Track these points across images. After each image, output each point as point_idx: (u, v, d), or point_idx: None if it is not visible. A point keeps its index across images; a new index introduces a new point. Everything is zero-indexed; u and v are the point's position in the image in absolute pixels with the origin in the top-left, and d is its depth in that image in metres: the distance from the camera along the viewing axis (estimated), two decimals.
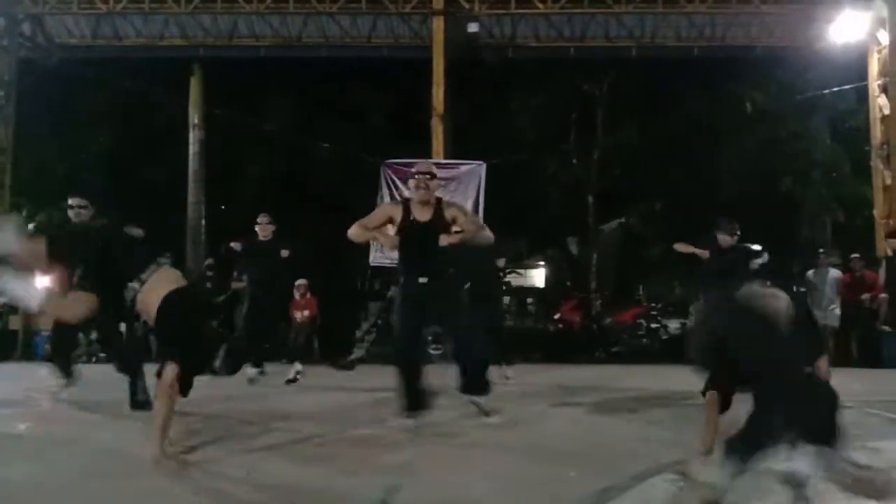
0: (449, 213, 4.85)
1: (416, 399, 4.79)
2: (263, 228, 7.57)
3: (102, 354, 10.99)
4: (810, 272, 11.34)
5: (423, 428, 4.76)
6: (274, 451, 3.86)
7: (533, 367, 10.51)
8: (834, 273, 11.01)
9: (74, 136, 16.47)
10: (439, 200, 4.94)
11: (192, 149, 15.19)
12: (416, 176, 4.85)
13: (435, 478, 3.43)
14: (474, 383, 4.90)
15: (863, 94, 12.77)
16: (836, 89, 13.52)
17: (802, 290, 11.38)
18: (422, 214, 4.83)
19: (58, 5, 12.25)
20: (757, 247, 7.07)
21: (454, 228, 4.85)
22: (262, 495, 3.19)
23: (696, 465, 3.33)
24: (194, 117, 15.18)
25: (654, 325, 11.98)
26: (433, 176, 4.89)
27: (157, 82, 14.05)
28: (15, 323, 11.70)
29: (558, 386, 7.45)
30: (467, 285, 6.38)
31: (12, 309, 11.22)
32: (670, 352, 10.87)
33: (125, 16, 12.46)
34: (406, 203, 4.93)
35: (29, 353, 11.25)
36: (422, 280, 4.83)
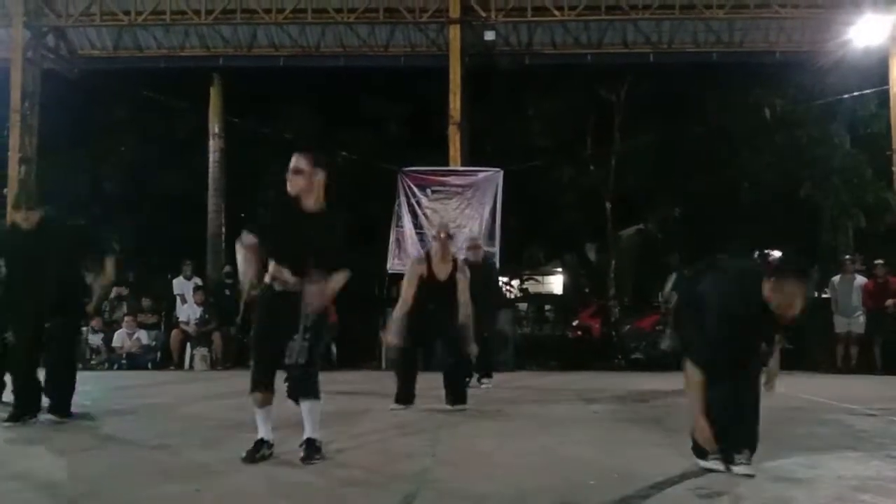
0: (459, 276, 5.98)
1: (407, 394, 5.96)
2: None
3: (124, 361, 11.16)
4: (835, 278, 11.22)
5: (441, 435, 4.77)
6: (291, 457, 3.88)
7: (551, 374, 10.48)
8: (860, 279, 10.89)
9: (96, 146, 16.70)
10: (455, 262, 6.07)
11: (212, 158, 15.34)
12: (440, 236, 6.09)
13: (452, 486, 3.42)
14: (455, 396, 5.95)
15: (884, 99, 12.64)
16: (856, 94, 13.38)
17: (825, 296, 11.34)
18: (441, 272, 5.96)
19: (81, 18, 12.45)
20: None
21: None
22: (280, 502, 3.21)
23: None
24: (214, 126, 15.33)
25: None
26: (451, 236, 6.17)
27: (177, 92, 14.22)
28: None
29: (577, 393, 7.42)
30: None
31: None
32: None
33: (146, 27, 12.64)
34: (428, 260, 6.05)
35: None
36: (430, 307, 5.89)
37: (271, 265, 3.96)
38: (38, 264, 5.31)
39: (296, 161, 3.87)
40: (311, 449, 3.85)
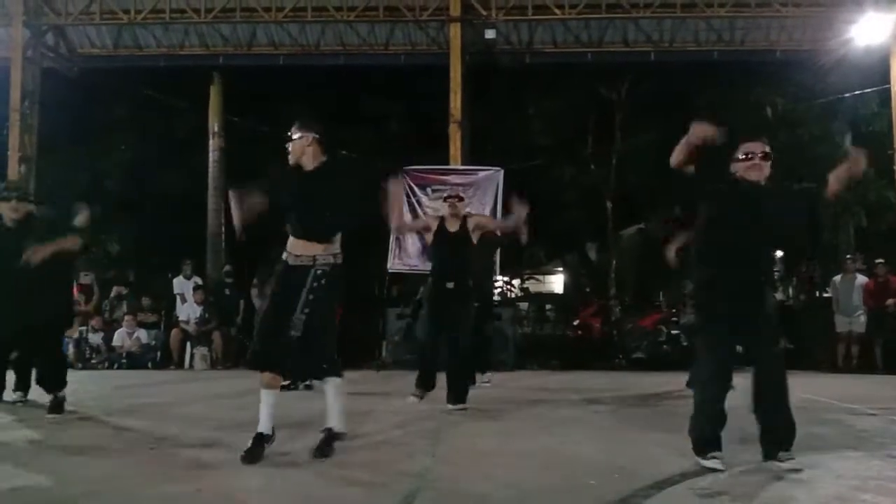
0: (471, 223, 6.21)
1: (426, 382, 6.20)
2: None
3: (124, 361, 11.16)
4: (836, 277, 11.21)
5: (441, 435, 4.76)
6: (292, 457, 3.87)
7: (552, 374, 10.48)
8: (861, 279, 10.88)
9: (96, 145, 16.70)
10: (465, 217, 6.25)
11: (212, 157, 15.33)
12: (448, 199, 6.26)
13: (453, 485, 3.41)
14: (456, 395, 5.92)
15: (885, 97, 12.63)
16: (857, 92, 13.36)
17: (826, 295, 11.33)
18: (452, 226, 6.15)
19: (80, 16, 12.46)
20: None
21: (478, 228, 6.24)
22: (280, 502, 3.20)
23: None
24: (214, 125, 15.33)
25: (674, 332, 11.87)
26: (461, 198, 6.33)
27: (177, 91, 14.23)
28: None
29: (578, 392, 7.41)
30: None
31: None
32: (691, 359, 10.75)
33: (146, 26, 12.64)
34: (441, 219, 6.26)
35: None
36: (448, 285, 6.02)
37: (289, 241, 4.06)
38: (17, 263, 5.23)
39: (290, 133, 4.12)
40: (328, 444, 3.87)
